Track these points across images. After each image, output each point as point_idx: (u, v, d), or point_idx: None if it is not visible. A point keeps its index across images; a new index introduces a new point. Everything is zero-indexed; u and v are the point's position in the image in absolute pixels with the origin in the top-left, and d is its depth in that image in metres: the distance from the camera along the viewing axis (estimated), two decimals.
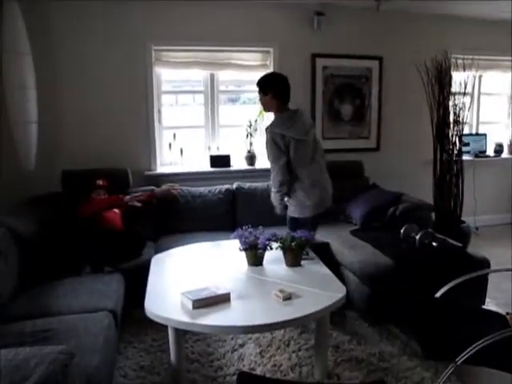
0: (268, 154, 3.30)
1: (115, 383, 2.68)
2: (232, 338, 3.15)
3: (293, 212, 3.41)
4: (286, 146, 3.23)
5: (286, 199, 3.38)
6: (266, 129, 3.29)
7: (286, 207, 3.44)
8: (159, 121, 4.71)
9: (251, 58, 4.80)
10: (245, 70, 4.85)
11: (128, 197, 3.83)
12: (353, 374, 2.79)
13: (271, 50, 4.80)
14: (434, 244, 3.47)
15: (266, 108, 3.37)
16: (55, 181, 4.03)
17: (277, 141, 3.22)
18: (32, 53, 3.93)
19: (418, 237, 3.51)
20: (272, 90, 3.25)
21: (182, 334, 2.57)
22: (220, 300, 2.44)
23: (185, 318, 2.31)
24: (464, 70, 4.90)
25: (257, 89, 3.35)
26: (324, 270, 2.97)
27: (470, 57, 5.10)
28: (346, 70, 5.07)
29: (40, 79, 4.06)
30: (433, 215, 4.52)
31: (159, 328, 3.00)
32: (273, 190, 3.39)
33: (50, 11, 4.17)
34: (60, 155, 4.32)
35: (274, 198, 3.41)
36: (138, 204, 3.80)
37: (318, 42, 4.89)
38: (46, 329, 2.42)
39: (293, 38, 4.81)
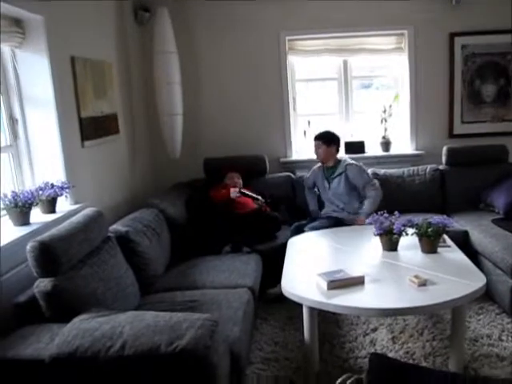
0: (367, 175, 3.94)
1: (252, 355, 2.88)
2: (364, 323, 3.18)
3: None
4: None
5: None
6: (352, 164, 3.91)
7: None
8: (294, 108, 4.85)
9: (384, 41, 4.69)
10: (378, 54, 4.77)
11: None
12: (493, 371, 2.63)
13: (406, 32, 4.64)
14: None
15: (326, 157, 3.93)
16: (198, 168, 4.39)
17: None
18: (178, 51, 4.30)
19: None
20: (335, 144, 3.93)
21: (316, 314, 2.66)
22: (354, 282, 2.49)
23: (320, 298, 2.41)
24: None
25: (389, 74, 3.33)
26: (462, 257, 2.85)
27: None
28: (489, 47, 4.69)
29: (184, 74, 4.42)
30: None
31: (292, 308, 3.14)
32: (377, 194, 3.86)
33: (192, 12, 4.53)
34: (202, 144, 4.70)
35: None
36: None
37: (457, 20, 4.59)
38: (192, 299, 2.71)
39: (429, 18, 4.58)
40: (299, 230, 3.72)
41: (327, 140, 3.91)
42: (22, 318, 2.19)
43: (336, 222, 3.76)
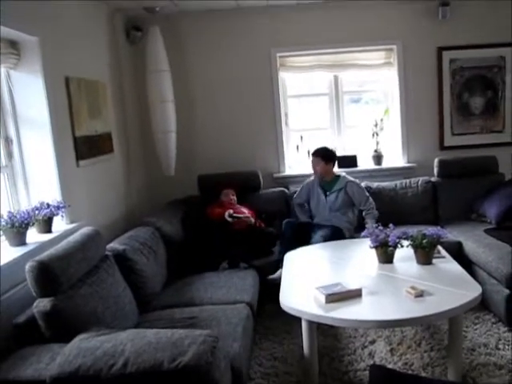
0: (365, 193, 4.07)
1: (252, 371, 2.87)
2: (362, 335, 3.19)
3: None
4: None
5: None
6: (353, 182, 4.05)
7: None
8: (286, 124, 4.90)
9: (374, 56, 4.79)
10: (368, 69, 4.85)
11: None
12: (491, 380, 2.65)
13: (394, 47, 4.73)
14: None
15: (323, 173, 4.03)
16: (193, 185, 4.42)
17: None
18: (170, 69, 4.35)
19: None
20: (333, 161, 4.08)
21: (315, 327, 2.67)
22: (352, 295, 2.51)
23: (318, 311, 2.42)
24: None
25: (379, 89, 3.39)
26: (457, 268, 2.88)
27: None
28: (476, 60, 4.80)
29: (177, 92, 4.46)
30: None
31: (291, 322, 3.15)
32: (376, 213, 3.99)
33: (184, 30, 4.60)
34: (196, 161, 4.73)
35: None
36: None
37: (444, 35, 4.70)
38: (191, 316, 2.71)
39: (417, 33, 4.69)
40: (293, 226, 3.85)
41: (325, 157, 4.01)
42: (21, 339, 2.18)
43: (335, 231, 3.78)
